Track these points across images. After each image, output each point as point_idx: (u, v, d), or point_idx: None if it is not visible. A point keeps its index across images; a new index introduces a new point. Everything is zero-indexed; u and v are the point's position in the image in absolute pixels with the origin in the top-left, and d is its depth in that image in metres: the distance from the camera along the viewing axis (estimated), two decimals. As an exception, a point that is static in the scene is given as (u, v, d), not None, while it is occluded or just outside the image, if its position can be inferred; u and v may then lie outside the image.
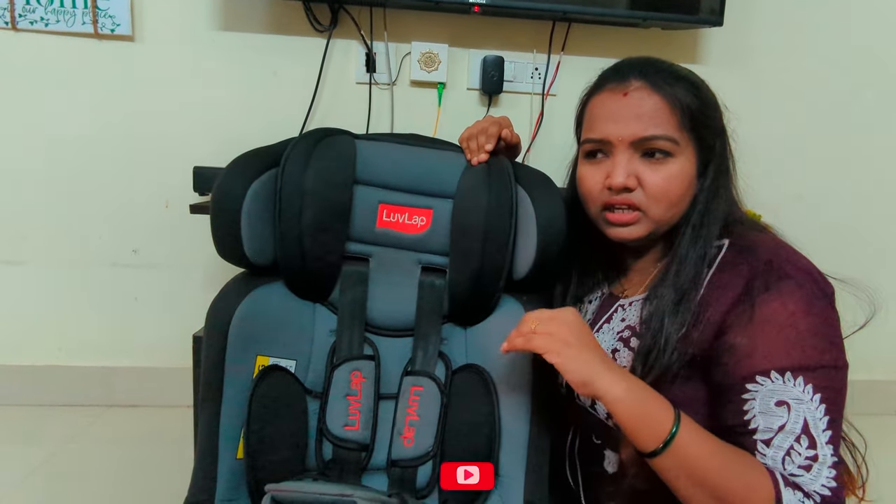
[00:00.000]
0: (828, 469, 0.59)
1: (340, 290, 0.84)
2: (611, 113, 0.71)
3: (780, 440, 0.60)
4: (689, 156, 0.71)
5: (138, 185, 1.40)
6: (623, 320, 0.77)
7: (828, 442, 0.59)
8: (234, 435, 0.72)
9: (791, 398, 0.60)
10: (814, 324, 0.62)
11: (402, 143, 0.85)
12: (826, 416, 0.59)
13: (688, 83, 0.71)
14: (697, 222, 0.71)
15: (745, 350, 0.62)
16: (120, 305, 1.45)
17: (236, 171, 0.76)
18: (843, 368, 0.62)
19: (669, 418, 0.61)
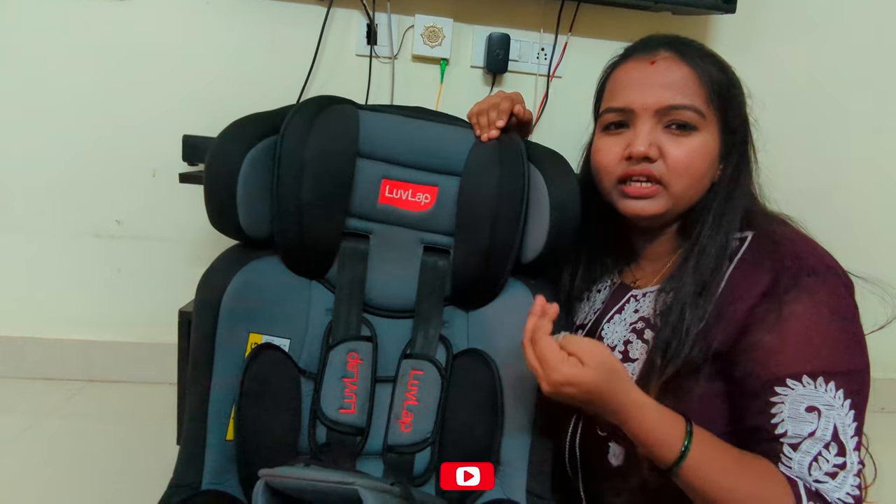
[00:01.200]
0: (853, 477, 0.58)
1: (339, 268, 0.80)
2: (636, 81, 0.69)
3: (809, 446, 0.58)
4: (714, 133, 0.68)
5: (124, 152, 1.33)
6: (636, 311, 0.75)
7: (855, 448, 0.58)
8: (223, 415, 0.69)
9: (822, 404, 0.58)
10: (842, 325, 0.60)
11: (408, 115, 0.81)
12: (854, 422, 0.58)
13: (716, 60, 0.69)
14: (719, 210, 0.68)
15: (772, 350, 0.60)
16: (102, 278, 1.39)
17: (233, 137, 0.71)
18: (868, 370, 0.61)
19: (682, 433, 0.59)
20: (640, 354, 0.70)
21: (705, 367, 0.64)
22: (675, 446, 0.59)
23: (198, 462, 0.66)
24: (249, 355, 0.70)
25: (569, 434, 0.81)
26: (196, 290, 0.71)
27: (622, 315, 0.76)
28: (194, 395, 0.69)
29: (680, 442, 0.59)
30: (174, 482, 0.66)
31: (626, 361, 0.72)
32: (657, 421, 0.60)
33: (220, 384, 0.69)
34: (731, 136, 0.69)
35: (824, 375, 0.58)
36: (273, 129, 0.74)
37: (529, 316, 0.64)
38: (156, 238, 1.37)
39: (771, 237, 0.66)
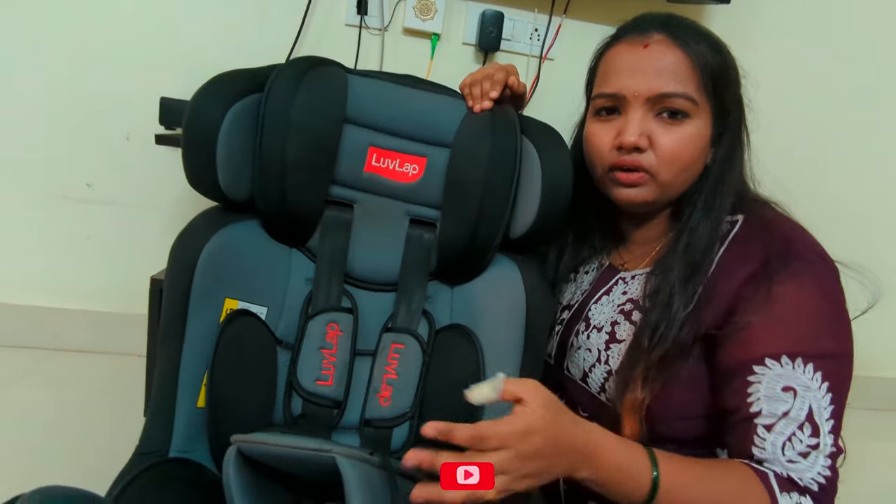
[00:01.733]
0: (824, 458, 0.57)
1: (321, 237, 0.78)
2: (628, 65, 0.67)
3: (783, 426, 0.58)
4: (706, 119, 0.67)
5: (96, 113, 1.27)
6: (625, 293, 0.74)
7: (830, 431, 0.58)
8: (194, 382, 0.66)
9: (798, 384, 0.58)
10: (827, 309, 0.60)
11: (398, 83, 0.78)
12: (831, 405, 0.58)
13: (711, 42, 0.67)
14: (710, 193, 0.68)
15: (754, 330, 0.60)
16: (70, 243, 1.34)
17: (215, 91, 0.68)
18: (851, 356, 0.61)
19: (646, 467, 0.56)
20: (628, 336, 0.70)
21: (692, 350, 0.64)
22: (645, 478, 0.56)
23: (166, 429, 0.64)
24: (224, 320, 0.67)
25: None
26: (170, 250, 0.68)
27: (610, 297, 0.75)
28: (164, 360, 0.66)
29: (648, 471, 0.56)
30: (140, 449, 0.63)
31: (613, 342, 0.71)
32: (622, 458, 0.56)
33: (193, 349, 0.66)
34: (725, 118, 0.68)
35: (803, 357, 0.58)
36: (257, 87, 0.71)
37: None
38: (128, 203, 1.32)
39: (761, 220, 0.66)
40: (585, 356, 0.74)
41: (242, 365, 0.68)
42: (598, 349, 0.72)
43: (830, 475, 0.57)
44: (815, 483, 0.57)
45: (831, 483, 0.57)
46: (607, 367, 0.71)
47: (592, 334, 0.74)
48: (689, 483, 0.57)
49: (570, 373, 0.77)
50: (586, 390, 0.74)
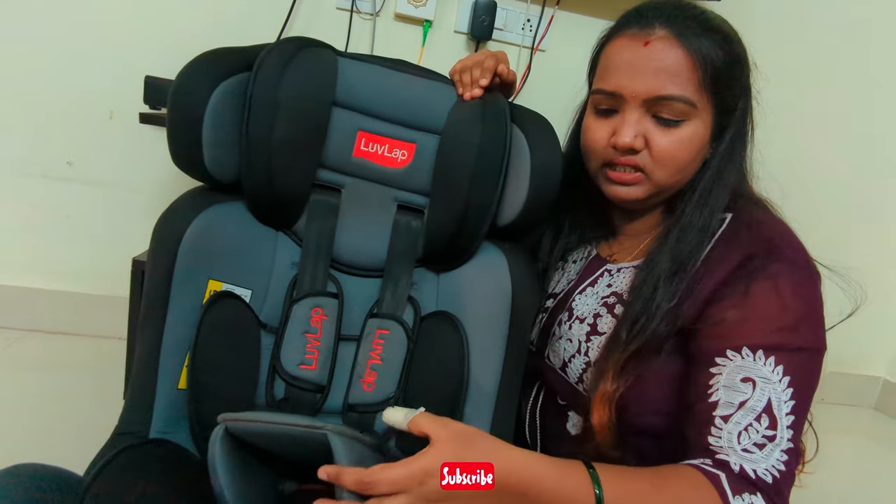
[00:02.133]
0: (780, 452, 0.56)
1: (307, 220, 0.77)
2: (627, 63, 0.65)
3: (740, 416, 0.57)
4: (706, 119, 0.66)
5: (78, 90, 1.25)
6: (609, 286, 0.74)
7: (789, 426, 0.57)
8: (175, 363, 0.65)
9: (758, 376, 0.57)
10: (800, 308, 0.60)
11: (389, 67, 0.78)
12: (791, 400, 0.57)
13: (718, 35, 0.64)
14: (706, 188, 0.67)
15: (726, 326, 0.60)
16: (49, 222, 1.31)
17: (202, 69, 0.66)
18: (819, 351, 0.61)
19: (589, 490, 0.53)
20: (608, 328, 0.70)
21: (667, 344, 0.64)
22: (588, 498, 0.52)
23: (146, 410, 0.63)
24: (208, 301, 0.66)
25: (530, 401, 0.82)
26: (153, 229, 0.67)
27: (594, 288, 0.75)
28: (145, 341, 0.65)
29: (590, 492, 0.53)
30: (119, 430, 0.62)
31: (594, 334, 0.71)
32: (558, 478, 0.53)
33: (174, 330, 0.65)
34: (728, 114, 0.67)
35: (764, 350, 0.58)
36: (245, 66, 0.70)
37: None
38: (110, 183, 1.30)
39: (749, 220, 0.65)
40: (566, 346, 0.74)
41: (225, 347, 0.67)
42: (578, 340, 0.73)
43: (785, 470, 0.56)
44: (769, 475, 0.55)
45: (785, 478, 0.56)
46: (586, 359, 0.71)
47: (574, 325, 0.74)
48: (636, 497, 0.55)
49: (550, 361, 0.77)
50: (565, 379, 0.74)
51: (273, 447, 0.54)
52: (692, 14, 0.65)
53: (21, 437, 0.99)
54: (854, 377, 1.76)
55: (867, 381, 1.77)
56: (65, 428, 1.01)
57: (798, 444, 0.58)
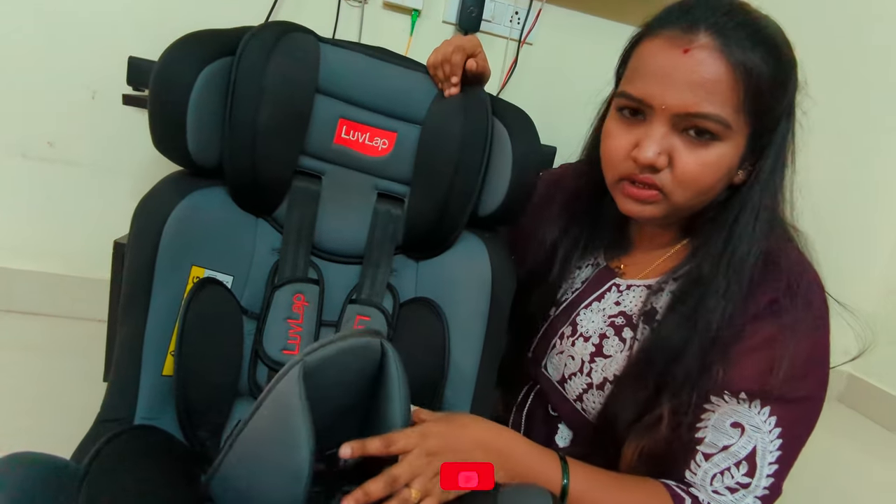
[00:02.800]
0: (753, 498, 0.57)
1: (288, 207, 0.78)
2: (661, 70, 0.58)
3: (720, 459, 0.58)
4: (738, 141, 0.59)
5: (59, 69, 1.23)
6: (617, 304, 0.71)
7: (769, 475, 0.57)
8: (159, 350, 0.65)
9: (749, 423, 0.57)
10: (806, 355, 0.58)
11: (372, 55, 0.78)
12: (779, 450, 0.57)
13: (768, 48, 0.57)
14: (749, 218, 0.60)
15: (730, 367, 0.58)
16: (28, 203, 1.29)
17: (186, 52, 0.66)
18: (820, 399, 0.60)
19: (557, 473, 0.59)
20: (615, 352, 0.68)
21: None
22: (555, 485, 0.58)
23: (130, 397, 0.63)
24: (193, 287, 0.67)
25: (517, 402, 0.82)
26: (133, 215, 0.67)
27: (601, 304, 0.73)
28: (128, 328, 0.65)
29: (558, 479, 0.58)
30: (102, 417, 0.62)
31: (599, 356, 0.69)
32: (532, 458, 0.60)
33: (158, 316, 0.65)
34: (764, 137, 0.60)
35: (762, 399, 0.57)
36: (228, 50, 0.69)
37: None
38: (91, 164, 1.29)
39: (778, 258, 0.60)
40: (567, 362, 0.72)
41: (210, 334, 0.68)
42: (581, 359, 0.71)
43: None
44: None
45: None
46: (588, 380, 0.69)
47: (578, 342, 0.72)
48: (599, 494, 0.59)
49: (548, 372, 0.76)
50: (562, 394, 0.74)
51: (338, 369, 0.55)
52: (745, 20, 0.57)
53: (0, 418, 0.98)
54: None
55: (832, 376, 1.82)
56: (43, 409, 1.01)
57: (778, 488, 0.58)
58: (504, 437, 0.61)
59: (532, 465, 0.60)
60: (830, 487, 1.31)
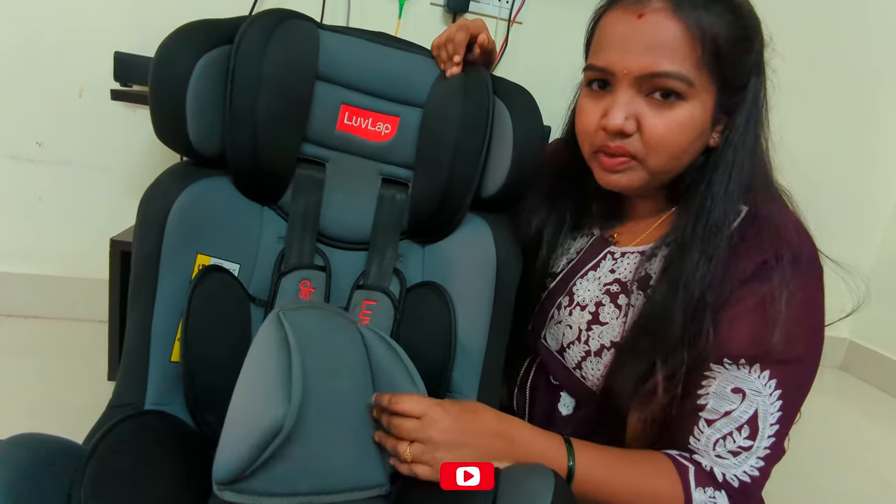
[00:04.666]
0: (756, 459, 0.58)
1: (293, 195, 0.77)
2: (619, 38, 0.60)
3: (723, 424, 0.59)
4: (706, 100, 0.60)
5: (46, 67, 1.21)
6: (612, 271, 0.71)
7: (771, 435, 0.58)
8: (167, 336, 0.66)
9: (749, 388, 0.58)
10: (800, 314, 0.58)
11: (371, 40, 0.77)
12: (780, 411, 0.58)
13: (723, 7, 0.58)
14: (723, 179, 0.60)
15: (727, 330, 0.59)
16: (20, 205, 1.28)
17: (183, 41, 0.65)
18: (816, 358, 0.60)
19: (563, 455, 0.60)
20: (611, 319, 0.69)
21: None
22: (561, 468, 0.59)
23: (140, 383, 0.64)
24: (198, 275, 0.67)
25: (520, 375, 0.83)
26: (139, 205, 0.67)
27: (596, 272, 0.73)
28: (136, 315, 0.65)
29: (564, 461, 0.60)
30: (113, 403, 0.63)
31: (595, 323, 0.70)
32: (539, 443, 0.61)
33: (166, 303, 0.66)
34: (733, 96, 0.61)
35: (761, 363, 0.57)
36: (226, 39, 0.69)
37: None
38: (82, 163, 1.27)
39: (763, 217, 0.60)
40: (565, 332, 0.73)
41: (216, 320, 0.68)
42: (578, 328, 0.71)
43: (757, 476, 0.58)
44: (737, 480, 0.58)
45: (755, 484, 0.58)
46: (586, 347, 0.70)
47: (575, 311, 0.72)
48: (605, 473, 0.60)
49: (547, 342, 0.77)
50: (561, 363, 0.75)
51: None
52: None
53: (2, 424, 0.98)
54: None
55: (833, 343, 1.86)
56: (47, 412, 1.01)
57: (780, 447, 0.59)
58: (511, 424, 0.62)
59: (538, 449, 0.61)
60: (833, 452, 1.34)
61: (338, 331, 0.66)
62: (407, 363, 0.66)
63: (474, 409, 0.63)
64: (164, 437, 0.57)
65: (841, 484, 1.22)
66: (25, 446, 0.45)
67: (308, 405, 0.54)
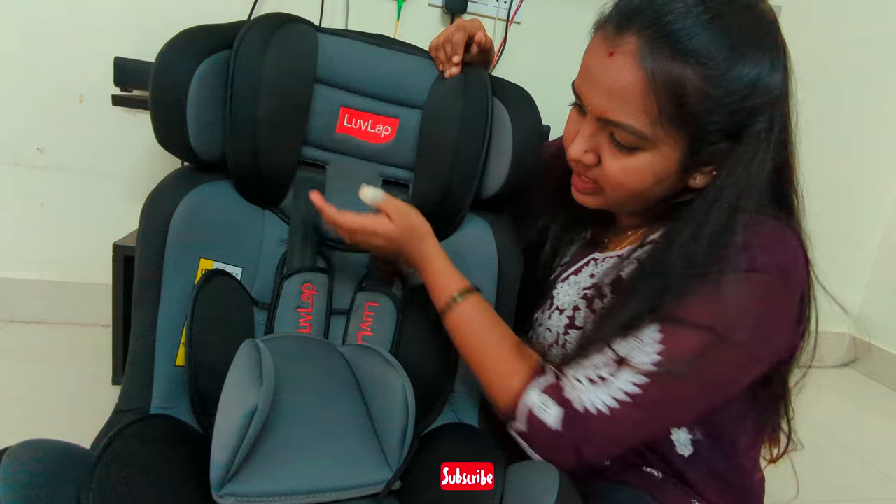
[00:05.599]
0: (605, 395, 0.54)
1: (293, 198, 0.78)
2: (591, 70, 0.58)
3: (597, 358, 0.57)
4: (667, 152, 0.56)
5: (46, 74, 1.21)
6: (592, 276, 0.71)
7: (636, 384, 0.54)
8: (172, 341, 0.66)
9: (634, 332, 0.55)
10: (735, 305, 0.53)
11: (370, 42, 0.78)
12: (655, 366, 0.53)
13: (700, 58, 0.52)
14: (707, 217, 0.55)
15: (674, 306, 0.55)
16: (22, 211, 1.28)
17: (183, 47, 0.66)
18: (738, 346, 0.54)
19: (457, 288, 0.67)
20: (587, 323, 0.67)
21: None
22: (448, 296, 0.67)
23: (145, 387, 0.64)
24: (201, 279, 0.67)
25: None
26: (141, 210, 0.67)
27: (577, 277, 0.73)
28: (140, 320, 0.65)
29: (451, 293, 0.67)
30: (119, 408, 0.63)
31: (572, 328, 0.69)
32: (439, 273, 0.69)
33: (169, 308, 0.66)
34: (718, 144, 0.56)
35: (659, 321, 0.54)
36: (226, 44, 0.69)
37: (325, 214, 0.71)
38: (83, 169, 1.27)
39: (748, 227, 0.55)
40: (545, 335, 0.73)
41: (220, 324, 0.68)
42: (556, 332, 0.71)
43: (605, 413, 0.54)
44: (580, 404, 0.55)
45: (596, 419, 0.54)
46: (563, 352, 0.70)
47: (554, 315, 0.73)
48: (479, 324, 0.66)
49: (533, 344, 0.77)
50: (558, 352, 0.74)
51: None
52: (684, 24, 0.52)
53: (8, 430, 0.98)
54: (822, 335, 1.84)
55: (835, 339, 1.86)
56: (52, 417, 1.01)
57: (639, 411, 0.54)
58: (434, 255, 0.70)
59: (438, 275, 0.69)
60: (838, 448, 1.34)
61: (314, 347, 0.70)
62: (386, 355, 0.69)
63: (421, 235, 0.70)
64: (170, 441, 0.58)
65: (844, 478, 1.22)
66: (33, 452, 0.45)
67: (286, 401, 0.57)
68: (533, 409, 0.58)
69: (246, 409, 0.52)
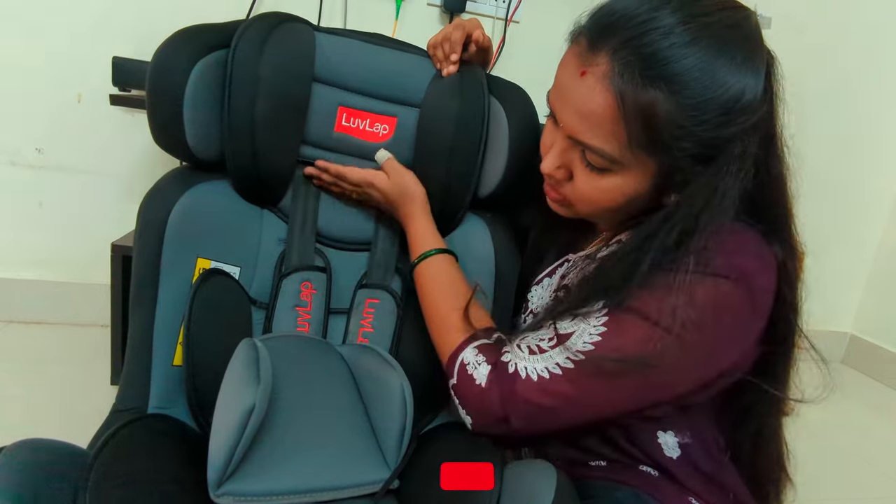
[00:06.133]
0: (539, 364, 0.55)
1: (292, 197, 0.78)
2: (563, 87, 0.56)
3: (544, 331, 0.57)
4: (638, 174, 0.55)
5: (45, 73, 1.21)
6: (562, 277, 0.70)
7: (568, 357, 0.54)
8: (169, 340, 0.66)
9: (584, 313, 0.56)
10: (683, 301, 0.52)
11: (367, 41, 0.78)
12: (593, 346, 0.53)
13: (672, 86, 0.50)
14: (648, 241, 0.54)
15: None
16: (21, 211, 1.28)
17: (179, 46, 0.66)
18: (675, 339, 0.52)
19: (431, 245, 0.71)
20: None
21: None
22: (420, 252, 0.71)
23: (142, 387, 0.64)
24: (199, 279, 0.67)
25: None
26: (138, 210, 0.67)
27: (551, 279, 0.73)
28: (137, 320, 0.65)
29: (424, 251, 0.70)
30: (116, 407, 0.63)
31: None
32: (418, 232, 0.73)
33: (167, 308, 0.66)
34: (694, 165, 0.53)
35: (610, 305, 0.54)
36: (223, 43, 0.69)
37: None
38: (82, 169, 1.27)
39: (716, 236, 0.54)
40: None
41: (217, 324, 0.68)
42: None
43: (534, 380, 0.54)
44: (513, 368, 0.55)
45: (524, 382, 0.55)
46: None
47: (529, 318, 0.73)
48: (441, 280, 0.68)
49: None
50: None
51: None
52: (650, 51, 0.50)
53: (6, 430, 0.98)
54: (822, 333, 1.85)
55: (835, 337, 1.86)
56: (50, 417, 1.01)
57: (568, 386, 0.54)
58: (419, 209, 0.74)
59: (416, 233, 0.72)
60: (836, 446, 1.34)
61: (312, 346, 0.69)
62: (384, 355, 0.69)
63: (412, 196, 0.74)
64: (168, 440, 0.58)
65: (842, 476, 1.22)
66: (30, 451, 0.45)
67: (284, 400, 0.57)
68: (466, 365, 0.59)
69: (243, 408, 0.51)
